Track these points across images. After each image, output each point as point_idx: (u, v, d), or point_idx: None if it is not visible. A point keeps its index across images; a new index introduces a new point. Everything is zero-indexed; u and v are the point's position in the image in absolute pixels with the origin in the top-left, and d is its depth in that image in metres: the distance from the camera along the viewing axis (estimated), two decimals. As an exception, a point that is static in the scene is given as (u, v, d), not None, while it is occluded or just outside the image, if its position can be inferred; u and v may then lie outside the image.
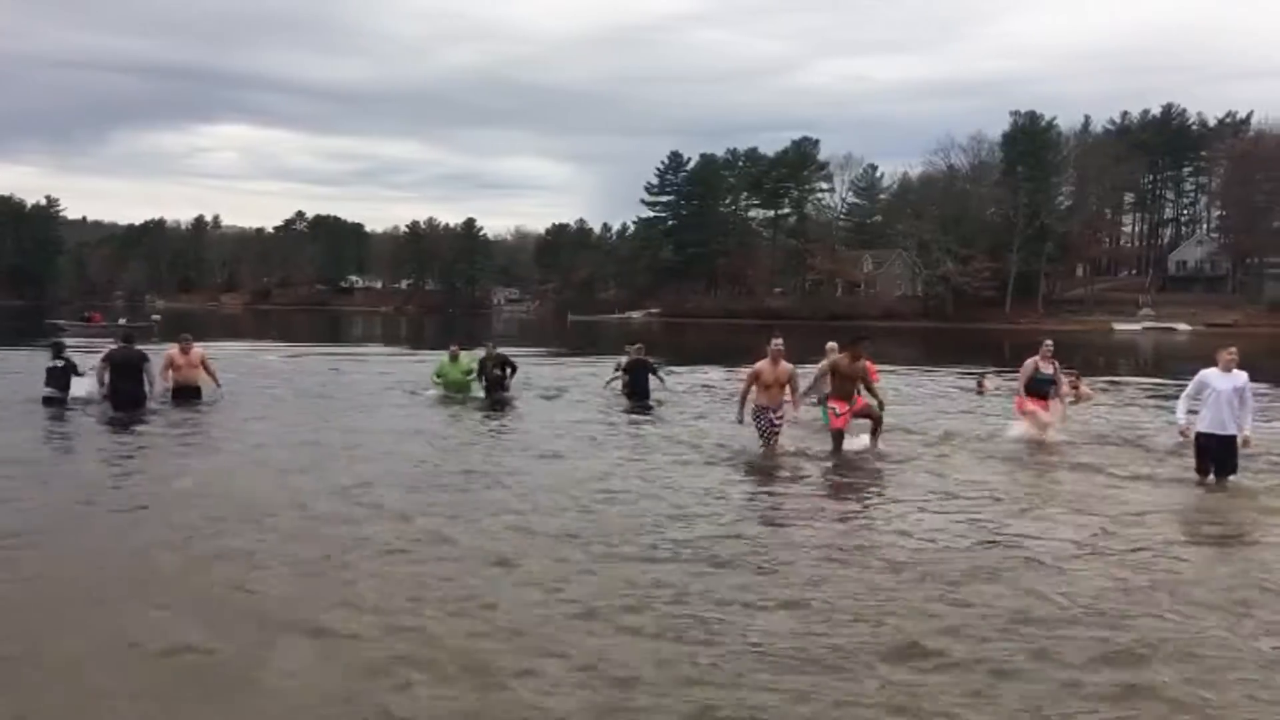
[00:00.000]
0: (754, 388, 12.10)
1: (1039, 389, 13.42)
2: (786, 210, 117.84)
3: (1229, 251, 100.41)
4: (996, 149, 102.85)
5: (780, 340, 12.13)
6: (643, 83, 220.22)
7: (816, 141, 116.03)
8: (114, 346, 15.90)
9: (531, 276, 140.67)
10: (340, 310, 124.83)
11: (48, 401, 15.48)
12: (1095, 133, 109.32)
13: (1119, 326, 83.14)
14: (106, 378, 15.18)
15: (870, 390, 12.50)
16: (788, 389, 12.21)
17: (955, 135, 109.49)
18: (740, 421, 12.16)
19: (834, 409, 12.12)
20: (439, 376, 18.02)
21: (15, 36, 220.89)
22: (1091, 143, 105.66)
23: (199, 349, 16.70)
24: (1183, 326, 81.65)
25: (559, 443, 12.95)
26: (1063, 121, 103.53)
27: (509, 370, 18.07)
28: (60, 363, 16.06)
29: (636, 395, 17.69)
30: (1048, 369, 13.48)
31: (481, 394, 17.59)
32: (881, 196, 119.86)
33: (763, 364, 12.06)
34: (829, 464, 11.59)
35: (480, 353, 18.35)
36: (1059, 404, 13.82)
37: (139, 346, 15.82)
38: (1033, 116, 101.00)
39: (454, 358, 18.12)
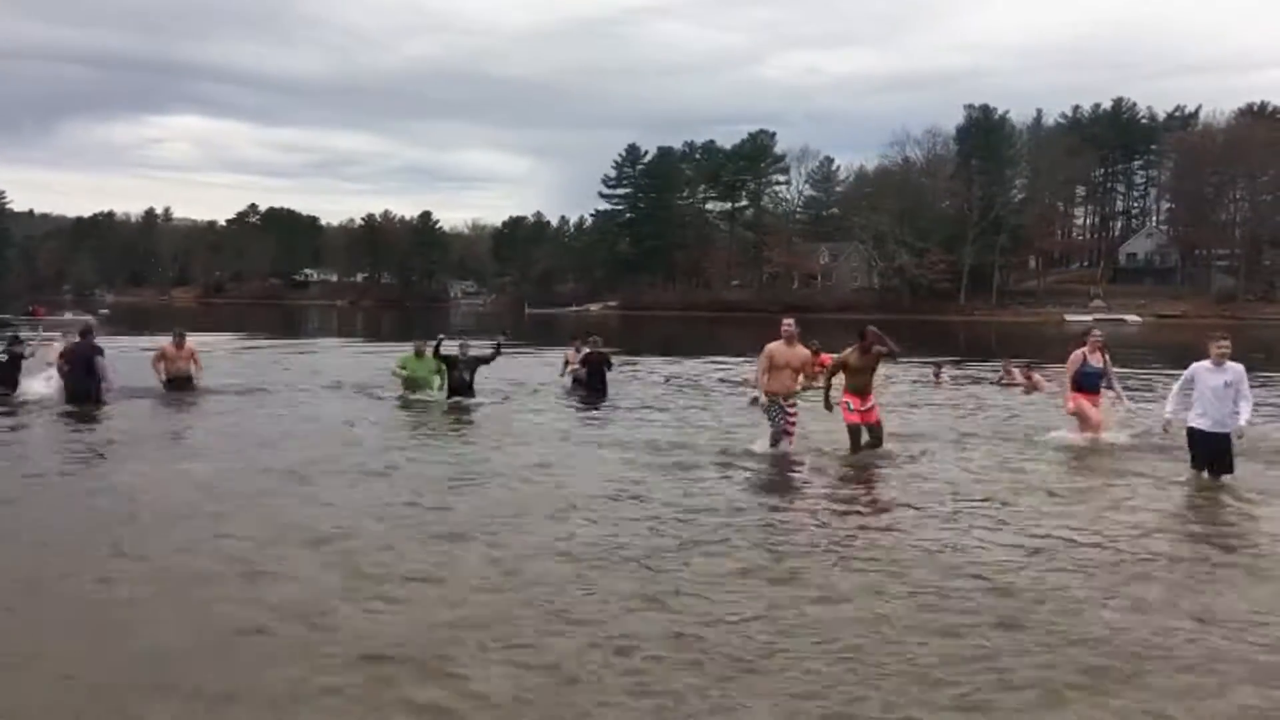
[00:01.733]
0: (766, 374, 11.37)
1: (1089, 383, 12.31)
2: (743, 203, 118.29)
3: (1177, 244, 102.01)
4: (951, 142, 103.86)
5: (792, 321, 11.46)
6: (600, 75, 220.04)
7: (773, 134, 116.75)
8: (74, 340, 15.79)
9: (489, 270, 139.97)
10: (295, 304, 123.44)
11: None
12: (1047, 126, 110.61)
13: (1070, 318, 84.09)
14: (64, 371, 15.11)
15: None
16: (801, 376, 11.54)
17: (910, 129, 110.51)
18: (757, 403, 11.66)
19: (847, 403, 11.31)
20: (402, 369, 16.76)
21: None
22: (1044, 136, 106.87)
23: (192, 342, 17.52)
24: (1132, 318, 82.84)
25: (539, 448, 11.89)
26: (1015, 115, 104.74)
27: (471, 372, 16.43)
28: (5, 357, 15.76)
29: (594, 389, 17.48)
30: (1097, 361, 12.35)
31: (440, 395, 16.26)
32: (838, 189, 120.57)
33: (776, 345, 11.29)
34: (847, 466, 10.88)
35: (427, 352, 16.80)
36: (1109, 401, 12.67)
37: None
38: (986, 110, 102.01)
39: (419, 353, 16.72)
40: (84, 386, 14.94)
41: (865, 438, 11.36)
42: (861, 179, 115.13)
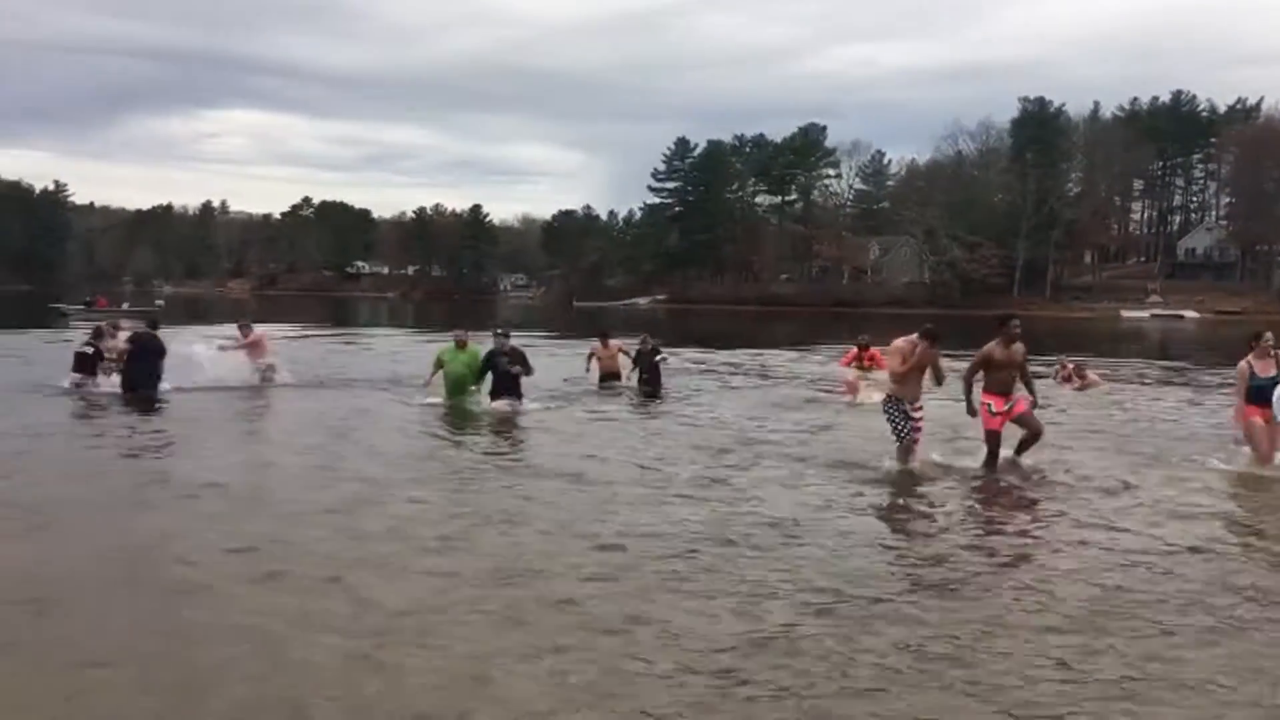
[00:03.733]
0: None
1: (1260, 396, 10.37)
2: (793, 197, 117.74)
3: (1238, 239, 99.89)
4: (1005, 135, 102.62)
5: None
6: (650, 68, 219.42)
7: (824, 128, 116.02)
8: (140, 330, 16.11)
9: (538, 263, 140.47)
10: (347, 296, 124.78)
11: (78, 386, 15.54)
12: (1104, 119, 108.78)
13: (1127, 314, 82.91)
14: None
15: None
16: (927, 378, 10.38)
17: (963, 121, 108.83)
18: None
19: (989, 405, 10.19)
20: (439, 366, 15.05)
21: (25, 21, 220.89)
22: (1100, 129, 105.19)
23: (259, 330, 18.28)
24: (1190, 314, 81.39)
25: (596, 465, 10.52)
26: (1072, 108, 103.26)
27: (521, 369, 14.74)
28: (90, 349, 16.11)
29: (651, 385, 17.22)
30: (1269, 369, 10.45)
31: (483, 396, 14.68)
32: (889, 183, 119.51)
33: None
34: (983, 479, 9.87)
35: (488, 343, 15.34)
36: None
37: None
38: (1042, 102, 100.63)
39: (460, 345, 15.03)
40: (142, 377, 15.19)
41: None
42: (913, 172, 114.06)
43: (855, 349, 18.08)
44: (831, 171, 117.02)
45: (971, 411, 10.22)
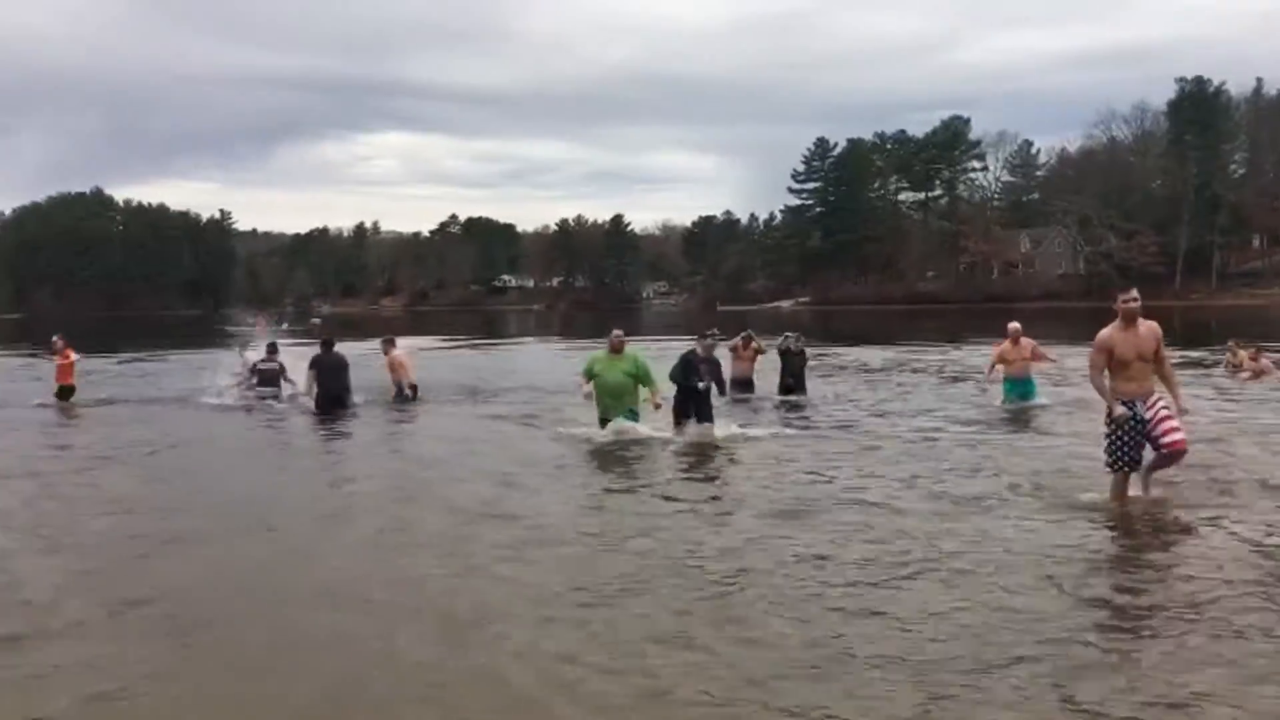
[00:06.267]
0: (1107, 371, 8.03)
1: None
2: (938, 192, 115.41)
3: None
4: (1161, 118, 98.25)
5: (1135, 293, 8.00)
6: (787, 70, 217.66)
7: (967, 120, 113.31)
8: (319, 352, 16.55)
9: (679, 270, 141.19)
10: (495, 309, 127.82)
11: (261, 398, 16.47)
12: (1269, 96, 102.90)
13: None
14: (313, 382, 16.07)
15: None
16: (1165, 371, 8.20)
17: (1116, 106, 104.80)
18: (1112, 420, 7.91)
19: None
20: (591, 375, 12.67)
21: (188, 59, 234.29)
22: (1265, 107, 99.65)
23: (401, 350, 17.83)
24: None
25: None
26: (1233, 86, 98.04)
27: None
28: (275, 364, 17.09)
29: (795, 389, 16.53)
30: None
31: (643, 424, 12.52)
32: (1038, 173, 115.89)
33: (1110, 330, 7.97)
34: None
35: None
36: None
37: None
38: (1200, 82, 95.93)
39: (616, 350, 12.71)
40: (335, 394, 15.85)
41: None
42: (1064, 161, 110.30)
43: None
44: (977, 164, 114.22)
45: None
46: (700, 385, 12.44)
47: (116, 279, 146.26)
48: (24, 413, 16.52)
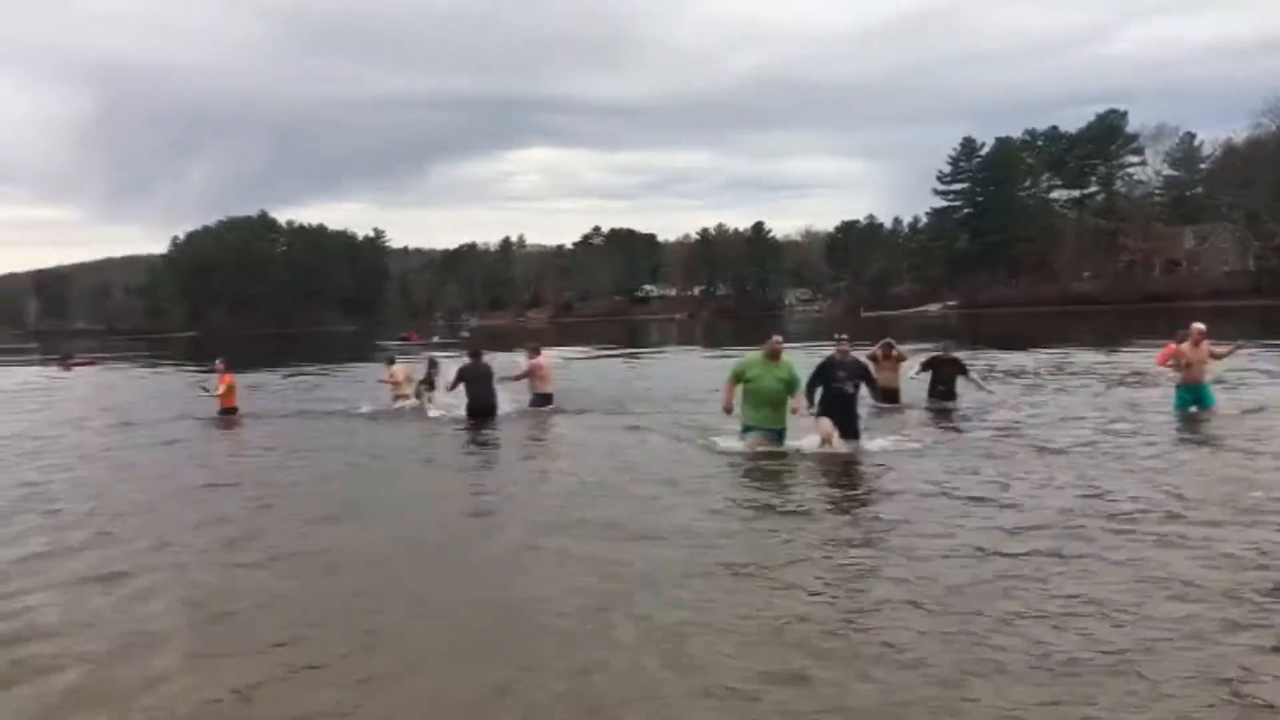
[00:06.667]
0: None
1: None
2: (1093, 189, 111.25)
3: None
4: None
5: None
6: (931, 69, 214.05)
7: (1124, 113, 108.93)
8: (466, 362, 16.81)
9: (822, 276, 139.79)
10: (637, 319, 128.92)
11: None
12: None
13: None
14: (460, 390, 16.45)
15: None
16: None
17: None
18: None
19: None
20: (745, 380, 11.68)
21: (345, 83, 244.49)
22: None
23: (545, 358, 17.82)
24: None
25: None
26: None
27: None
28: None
29: (946, 396, 15.94)
30: None
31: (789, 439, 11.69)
32: (1202, 166, 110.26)
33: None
34: None
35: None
36: None
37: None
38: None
39: (773, 356, 11.69)
40: (486, 403, 16.20)
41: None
42: (1230, 153, 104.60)
43: (1173, 344, 16.72)
44: (1135, 159, 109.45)
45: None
46: (849, 389, 11.49)
47: (281, 297, 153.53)
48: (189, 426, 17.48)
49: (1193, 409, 13.78)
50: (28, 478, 12.01)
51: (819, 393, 11.55)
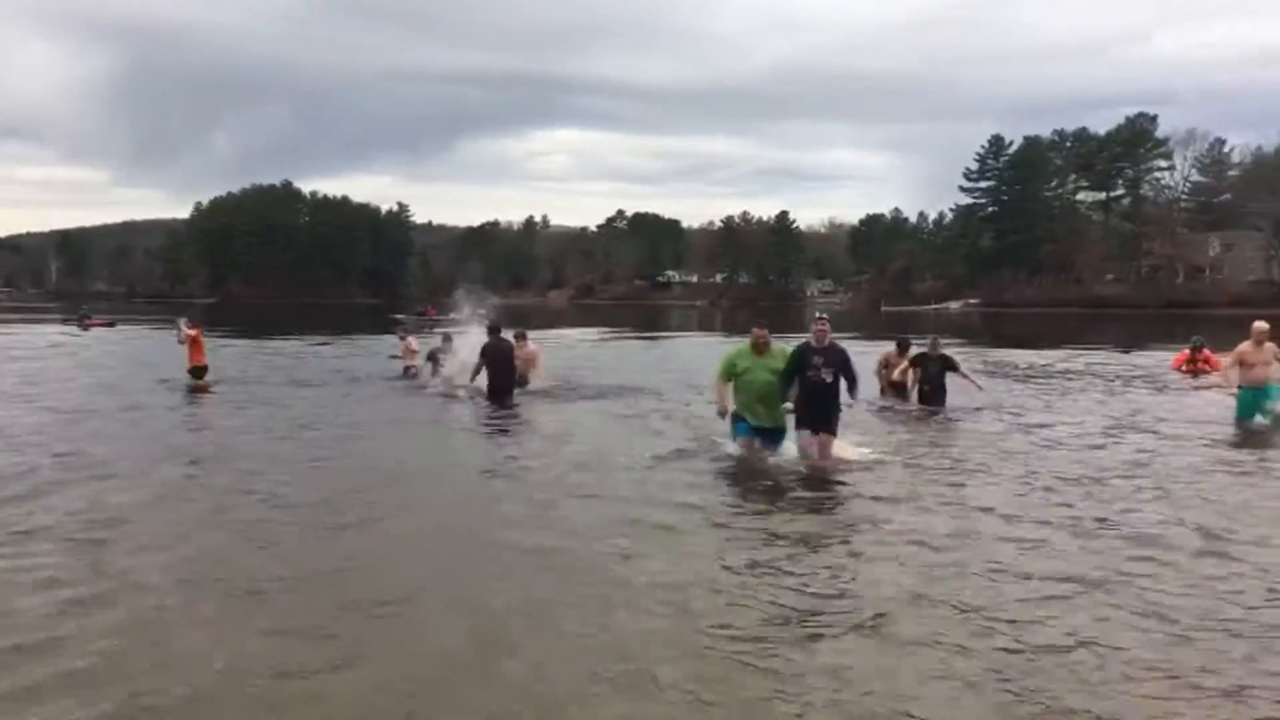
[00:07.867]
0: None
1: None
2: (1120, 192, 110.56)
3: None
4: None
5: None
6: (963, 65, 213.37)
7: (1154, 117, 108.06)
8: (488, 340, 16.55)
9: (845, 268, 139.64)
10: (658, 304, 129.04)
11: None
12: None
13: None
14: (482, 370, 16.21)
15: None
16: None
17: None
18: None
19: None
20: (733, 374, 10.61)
21: (377, 55, 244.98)
22: None
23: (532, 346, 17.88)
24: None
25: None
26: None
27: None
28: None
29: (933, 398, 14.96)
30: None
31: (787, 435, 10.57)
32: (1231, 173, 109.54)
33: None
34: None
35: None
36: None
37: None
38: None
39: (760, 346, 10.60)
40: (505, 381, 16.06)
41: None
42: (1260, 160, 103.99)
43: (1187, 350, 16.86)
44: (1163, 163, 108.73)
45: None
46: (825, 378, 10.03)
47: (302, 268, 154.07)
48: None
49: (1257, 418, 13.11)
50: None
51: (794, 385, 10.15)
